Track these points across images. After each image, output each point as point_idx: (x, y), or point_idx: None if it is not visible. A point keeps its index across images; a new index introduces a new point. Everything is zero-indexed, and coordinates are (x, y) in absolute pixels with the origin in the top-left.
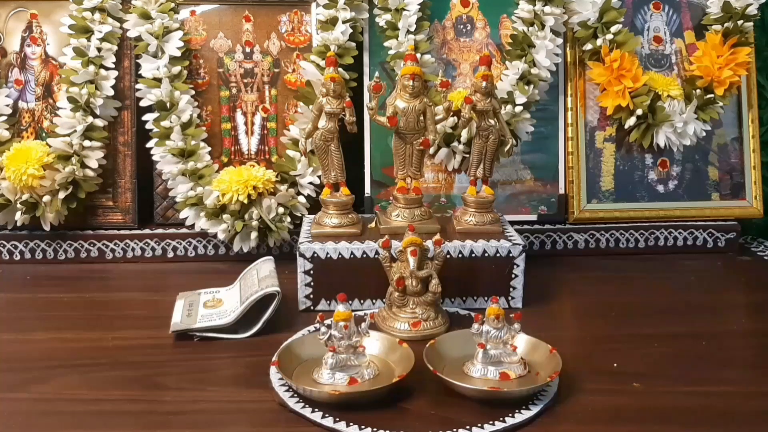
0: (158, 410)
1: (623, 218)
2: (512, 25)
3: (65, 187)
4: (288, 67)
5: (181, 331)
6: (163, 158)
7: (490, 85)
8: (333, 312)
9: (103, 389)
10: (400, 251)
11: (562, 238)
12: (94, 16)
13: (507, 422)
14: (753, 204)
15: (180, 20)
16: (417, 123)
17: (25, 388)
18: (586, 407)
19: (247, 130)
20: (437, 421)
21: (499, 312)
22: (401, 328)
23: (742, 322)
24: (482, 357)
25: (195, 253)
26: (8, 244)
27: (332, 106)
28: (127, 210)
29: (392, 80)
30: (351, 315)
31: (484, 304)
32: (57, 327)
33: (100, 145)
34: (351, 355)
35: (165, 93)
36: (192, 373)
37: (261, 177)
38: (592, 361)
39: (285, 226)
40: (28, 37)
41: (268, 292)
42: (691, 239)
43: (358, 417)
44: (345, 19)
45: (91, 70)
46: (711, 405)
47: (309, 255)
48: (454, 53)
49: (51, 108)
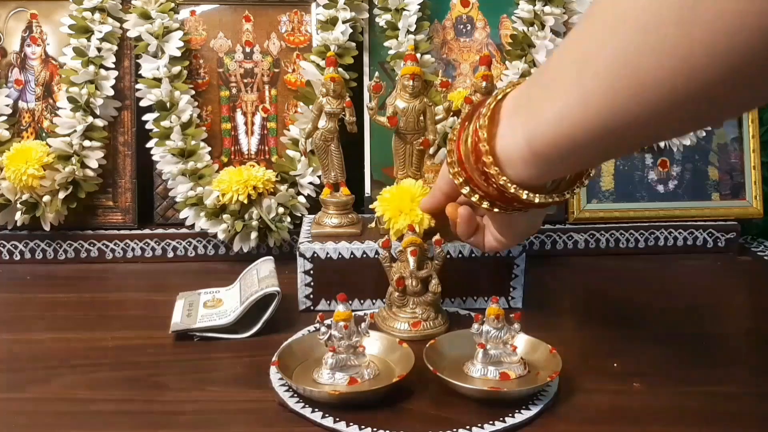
0: (158, 410)
1: (623, 218)
2: (512, 25)
3: (65, 187)
4: (288, 67)
5: (181, 331)
6: (163, 158)
7: (490, 85)
8: (333, 312)
9: (103, 389)
10: (400, 251)
11: (562, 238)
12: (94, 16)
13: (507, 422)
14: (753, 204)
15: (180, 20)
16: (417, 123)
17: (25, 388)
18: (586, 407)
19: (247, 130)
20: (437, 421)
21: (499, 312)
22: (401, 328)
23: (742, 322)
24: (482, 357)
25: (195, 253)
26: (8, 244)
27: (332, 106)
28: (127, 210)
29: (392, 80)
30: (351, 315)
31: (484, 304)
32: (57, 327)
33: (100, 145)
34: (351, 355)
35: (165, 93)
36: (192, 373)
37: (261, 177)
38: (592, 361)
39: (285, 226)
40: (28, 37)
41: (268, 292)
42: (691, 239)
43: (358, 417)
44: (345, 19)
45: (91, 70)
46: (711, 405)
47: (309, 255)
48: (454, 53)
49: (51, 108)
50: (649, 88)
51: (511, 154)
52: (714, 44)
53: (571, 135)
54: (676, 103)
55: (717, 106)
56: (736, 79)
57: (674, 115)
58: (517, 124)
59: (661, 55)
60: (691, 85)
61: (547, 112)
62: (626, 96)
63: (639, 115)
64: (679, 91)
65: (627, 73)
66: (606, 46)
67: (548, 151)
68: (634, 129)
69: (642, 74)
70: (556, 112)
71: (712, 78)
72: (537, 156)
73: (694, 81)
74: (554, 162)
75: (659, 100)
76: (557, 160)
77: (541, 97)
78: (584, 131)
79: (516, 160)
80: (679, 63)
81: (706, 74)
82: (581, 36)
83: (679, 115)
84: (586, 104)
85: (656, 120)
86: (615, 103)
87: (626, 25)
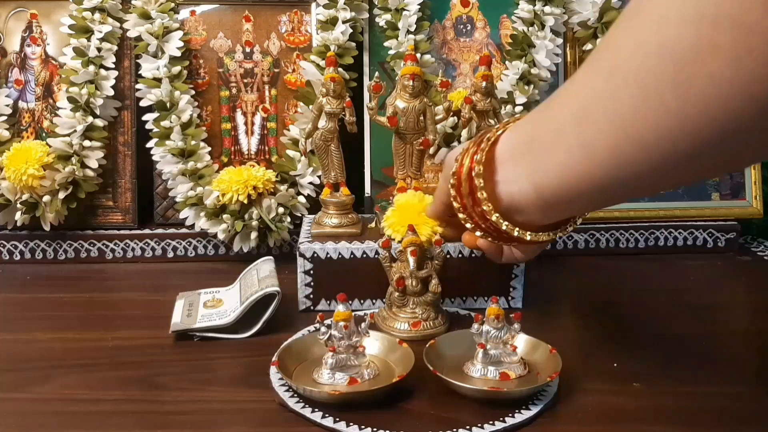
0: (158, 410)
1: (623, 218)
2: (512, 25)
3: (65, 187)
4: (288, 67)
5: (181, 331)
6: (163, 158)
7: (490, 85)
8: (333, 312)
9: (103, 389)
10: (400, 251)
11: (563, 238)
12: (94, 16)
13: (507, 422)
14: (753, 204)
15: (180, 20)
16: (417, 123)
17: (25, 388)
18: (586, 407)
19: (247, 130)
20: (437, 421)
21: (499, 312)
22: (401, 328)
23: (742, 322)
24: (482, 357)
25: (195, 253)
26: (8, 244)
27: (332, 106)
28: (127, 210)
29: (392, 80)
30: (351, 315)
31: (484, 304)
32: (57, 327)
33: (100, 145)
34: (351, 355)
35: (165, 93)
36: (192, 373)
37: (261, 177)
38: (592, 361)
39: (285, 226)
40: (28, 37)
41: (268, 292)
42: (691, 239)
43: (358, 417)
44: (345, 19)
45: (91, 70)
46: (711, 405)
47: (309, 255)
48: (454, 53)
49: (51, 108)
50: (651, 146)
51: (519, 201)
52: (709, 108)
53: (576, 186)
54: (677, 160)
55: (717, 164)
56: (733, 141)
57: (677, 171)
58: (521, 172)
59: (659, 117)
60: (690, 146)
61: (550, 163)
62: (629, 153)
63: (641, 170)
64: (679, 150)
65: (628, 132)
66: (607, 103)
67: (555, 200)
68: (637, 181)
69: (643, 133)
70: (560, 163)
71: (709, 140)
72: (546, 203)
73: (693, 141)
74: (561, 208)
75: (661, 158)
76: (564, 206)
77: (543, 148)
78: (589, 183)
79: (525, 207)
80: (677, 124)
81: (704, 136)
82: (582, 87)
83: (681, 170)
84: (589, 158)
85: (659, 174)
86: (618, 158)
87: (626, 83)
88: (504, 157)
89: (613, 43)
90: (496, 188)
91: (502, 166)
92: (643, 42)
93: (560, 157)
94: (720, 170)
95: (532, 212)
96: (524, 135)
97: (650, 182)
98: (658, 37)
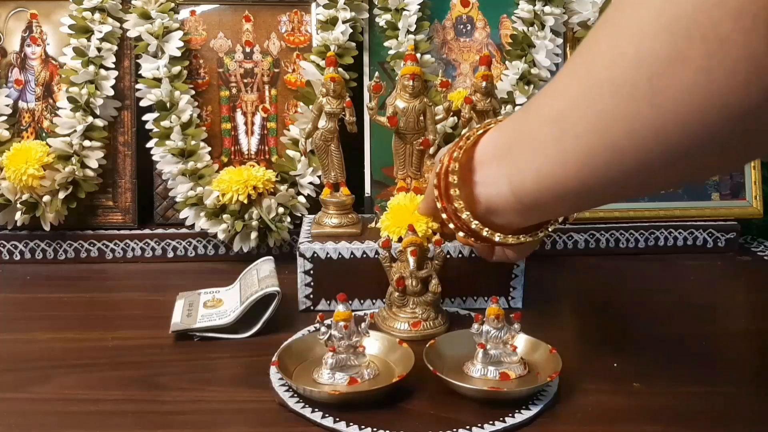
0: (158, 410)
1: (623, 218)
2: (512, 25)
3: (65, 187)
4: (288, 67)
5: (181, 331)
6: (163, 158)
7: (490, 85)
8: (333, 312)
9: (103, 389)
10: (400, 251)
11: (562, 238)
12: (94, 16)
13: (507, 422)
14: (753, 204)
15: (180, 20)
16: (417, 123)
17: (25, 388)
18: (586, 407)
19: (247, 130)
20: (437, 421)
21: (499, 312)
22: (401, 328)
23: (742, 322)
24: (482, 357)
25: (195, 253)
26: (8, 244)
27: (332, 106)
28: (127, 210)
29: (392, 80)
30: (351, 315)
31: (484, 304)
32: (57, 327)
33: (100, 145)
34: (351, 355)
35: (165, 93)
36: (192, 373)
37: (261, 177)
38: (592, 361)
39: (285, 226)
40: (28, 37)
41: (268, 292)
42: (691, 239)
43: (358, 417)
44: (345, 19)
45: (91, 70)
46: (711, 405)
47: (309, 255)
48: (454, 53)
49: (51, 108)
50: (626, 154)
51: (497, 203)
52: (682, 117)
53: (552, 189)
54: (651, 168)
55: (693, 171)
56: (707, 150)
57: (652, 178)
58: (499, 174)
59: (634, 124)
60: (663, 153)
61: (527, 165)
62: (604, 159)
63: (616, 177)
64: (654, 157)
65: (603, 139)
66: (584, 111)
67: (532, 203)
68: (611, 189)
69: (618, 141)
70: (536, 167)
71: (685, 149)
72: (524, 205)
73: (666, 149)
74: (539, 211)
75: (635, 165)
76: (541, 209)
77: (521, 151)
78: (565, 187)
79: (503, 209)
80: (652, 133)
81: (677, 143)
82: (560, 92)
83: (657, 177)
84: (565, 162)
85: (634, 181)
86: (593, 165)
87: (602, 90)
88: (483, 159)
89: (592, 48)
90: (474, 189)
91: (481, 167)
92: (620, 51)
93: (537, 160)
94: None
95: (510, 214)
96: (503, 137)
97: (624, 190)
98: (635, 48)
